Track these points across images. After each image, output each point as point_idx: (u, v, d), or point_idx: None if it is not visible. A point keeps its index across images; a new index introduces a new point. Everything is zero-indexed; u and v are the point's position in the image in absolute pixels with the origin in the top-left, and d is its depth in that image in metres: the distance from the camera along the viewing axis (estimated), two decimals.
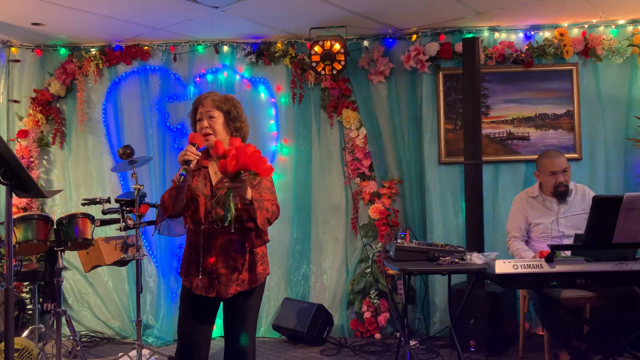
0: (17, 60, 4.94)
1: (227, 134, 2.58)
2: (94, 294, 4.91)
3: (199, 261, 2.51)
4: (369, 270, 4.70)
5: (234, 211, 2.32)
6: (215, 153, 2.36)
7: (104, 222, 3.78)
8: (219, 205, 2.40)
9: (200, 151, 2.51)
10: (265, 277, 2.63)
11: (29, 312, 4.44)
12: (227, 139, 2.56)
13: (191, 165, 2.41)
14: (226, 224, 2.33)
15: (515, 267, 2.84)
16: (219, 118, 2.56)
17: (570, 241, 3.52)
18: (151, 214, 4.08)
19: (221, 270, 2.49)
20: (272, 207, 2.48)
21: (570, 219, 3.70)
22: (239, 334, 2.56)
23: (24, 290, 4.66)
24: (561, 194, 3.70)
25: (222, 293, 2.50)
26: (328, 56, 4.49)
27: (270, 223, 2.48)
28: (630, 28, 4.63)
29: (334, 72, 4.59)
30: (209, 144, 2.54)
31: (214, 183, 2.54)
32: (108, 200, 3.85)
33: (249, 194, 2.34)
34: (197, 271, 2.52)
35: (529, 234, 3.80)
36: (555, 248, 2.88)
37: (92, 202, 3.81)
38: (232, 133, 2.59)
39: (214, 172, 2.57)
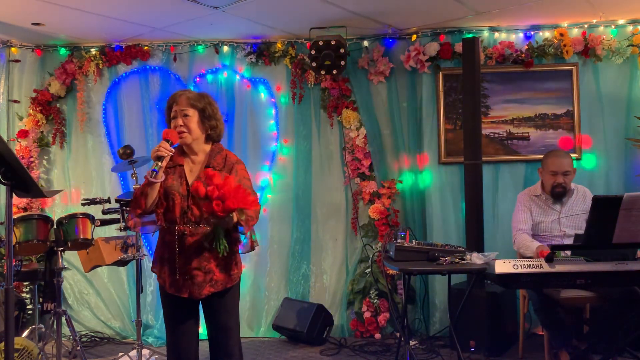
0: (17, 60, 4.94)
1: (201, 132, 2.58)
2: (94, 294, 4.91)
3: (173, 260, 2.50)
4: (369, 270, 4.70)
5: (224, 241, 2.40)
6: (197, 195, 2.37)
7: (104, 222, 3.78)
8: (209, 240, 2.44)
9: (174, 148, 2.52)
10: (240, 277, 2.63)
11: (29, 312, 4.44)
12: (202, 137, 2.58)
13: (164, 162, 2.42)
14: (221, 255, 2.41)
15: (515, 267, 2.84)
16: (193, 116, 2.55)
17: (571, 241, 3.53)
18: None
19: (195, 272, 2.48)
20: (254, 211, 2.46)
21: (572, 219, 3.71)
22: (221, 334, 2.56)
23: (24, 290, 4.66)
24: (557, 194, 3.73)
25: (195, 294, 2.49)
26: (328, 56, 4.49)
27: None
28: (630, 28, 4.63)
29: (334, 72, 4.59)
30: (183, 142, 2.55)
31: (189, 181, 2.53)
32: (108, 200, 3.85)
33: (235, 218, 2.38)
34: (171, 270, 2.51)
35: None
36: (555, 248, 2.88)
37: (92, 202, 3.81)
38: (207, 131, 2.59)
39: (189, 170, 2.58)
